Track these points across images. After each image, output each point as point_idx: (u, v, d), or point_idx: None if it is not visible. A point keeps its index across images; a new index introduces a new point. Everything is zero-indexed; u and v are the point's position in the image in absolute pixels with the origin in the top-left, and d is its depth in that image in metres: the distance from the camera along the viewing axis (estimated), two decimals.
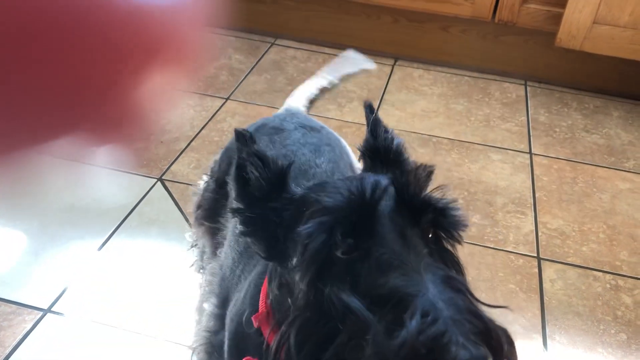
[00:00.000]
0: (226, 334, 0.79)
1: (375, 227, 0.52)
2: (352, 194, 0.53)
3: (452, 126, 1.80)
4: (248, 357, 0.67)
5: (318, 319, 0.51)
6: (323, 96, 1.87)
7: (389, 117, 1.80)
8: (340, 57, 1.29)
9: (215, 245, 1.04)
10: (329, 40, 2.16)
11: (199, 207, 1.08)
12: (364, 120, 0.68)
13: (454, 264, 0.57)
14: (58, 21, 0.23)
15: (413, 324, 0.44)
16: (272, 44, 2.17)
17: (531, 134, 1.79)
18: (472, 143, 1.74)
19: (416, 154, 1.66)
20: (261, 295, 0.67)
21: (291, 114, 1.05)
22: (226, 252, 0.92)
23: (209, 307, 0.91)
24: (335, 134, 1.05)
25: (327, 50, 2.15)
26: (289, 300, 0.56)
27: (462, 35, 2.05)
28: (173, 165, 1.57)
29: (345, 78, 1.25)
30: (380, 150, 0.64)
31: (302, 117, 1.03)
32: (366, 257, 0.51)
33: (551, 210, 1.51)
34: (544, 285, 1.30)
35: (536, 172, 1.64)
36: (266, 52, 2.12)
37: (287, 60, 2.08)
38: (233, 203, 0.61)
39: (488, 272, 1.31)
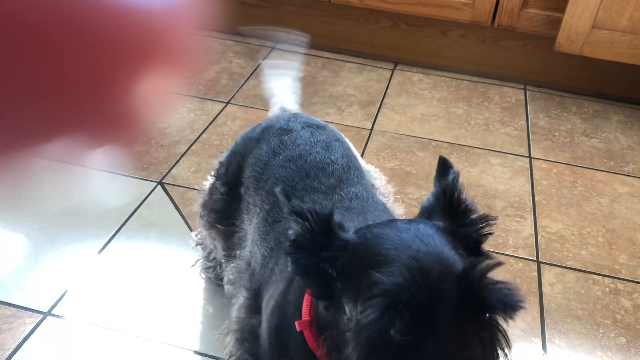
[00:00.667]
0: (265, 324, 0.80)
1: (434, 316, 0.51)
2: (415, 279, 0.52)
3: (451, 130, 1.81)
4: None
5: None
6: (322, 99, 1.88)
7: (388, 122, 1.81)
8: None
9: (231, 247, 1.04)
10: (328, 44, 2.17)
11: (210, 209, 1.07)
12: (363, 124, 0.69)
13: (501, 341, 0.56)
14: (53, 25, 0.23)
15: None
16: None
17: (530, 138, 1.80)
18: (471, 147, 1.74)
19: (416, 158, 1.66)
20: (305, 303, 0.68)
21: (293, 114, 1.05)
22: (252, 250, 0.91)
23: (240, 299, 0.91)
24: (338, 131, 1.06)
25: (326, 54, 2.15)
26: (340, 347, 0.58)
27: (462, 40, 2.05)
28: (173, 169, 1.57)
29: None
30: (447, 199, 0.67)
31: (305, 116, 1.04)
32: (419, 345, 0.51)
33: (550, 214, 1.51)
34: (544, 288, 1.30)
35: (535, 176, 1.64)
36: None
37: None
38: (286, 244, 0.62)
39: None
